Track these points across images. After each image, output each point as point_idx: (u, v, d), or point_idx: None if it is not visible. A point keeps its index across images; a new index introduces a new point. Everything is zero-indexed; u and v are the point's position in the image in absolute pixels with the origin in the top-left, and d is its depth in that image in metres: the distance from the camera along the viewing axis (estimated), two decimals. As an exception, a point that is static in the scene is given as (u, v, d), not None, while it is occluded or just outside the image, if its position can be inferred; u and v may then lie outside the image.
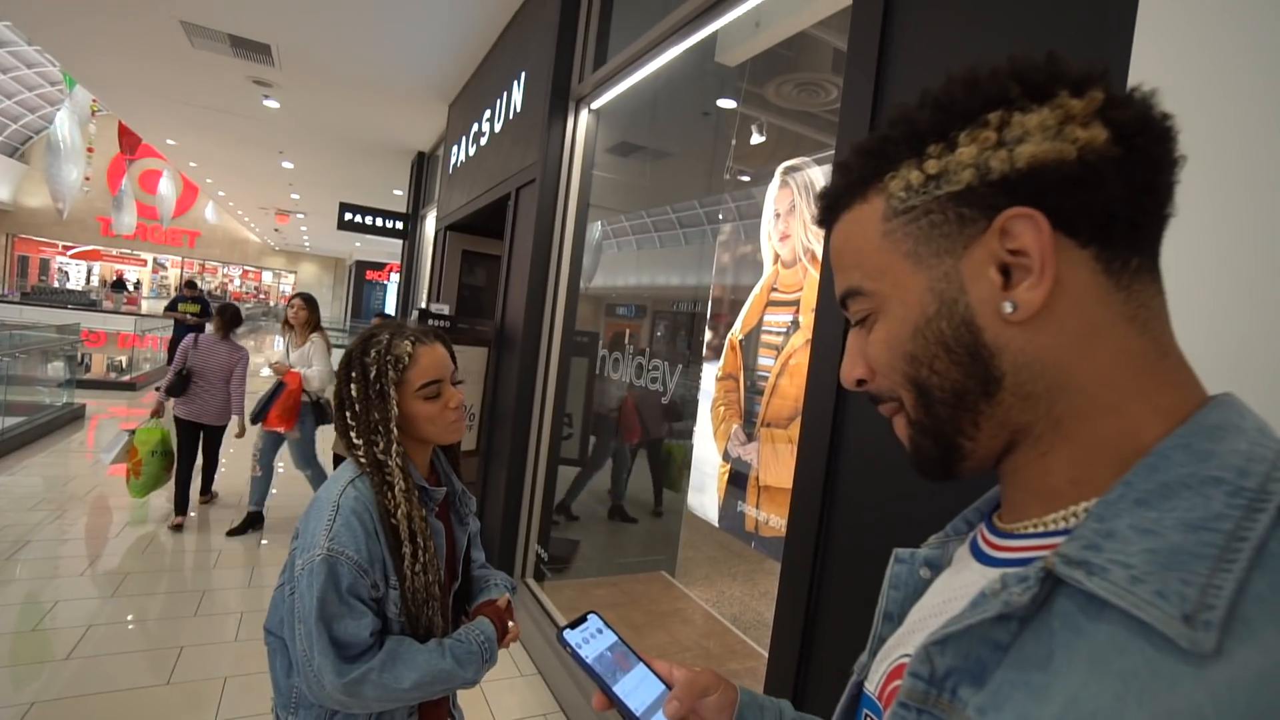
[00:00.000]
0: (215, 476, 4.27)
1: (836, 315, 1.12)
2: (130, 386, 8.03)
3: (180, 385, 3.68)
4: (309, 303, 3.89)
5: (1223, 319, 0.62)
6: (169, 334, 10.69)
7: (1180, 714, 0.26)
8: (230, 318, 3.94)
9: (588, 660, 0.56)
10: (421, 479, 1.07)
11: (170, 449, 3.69)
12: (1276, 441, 0.32)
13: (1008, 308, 0.35)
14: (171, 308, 8.52)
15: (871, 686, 0.45)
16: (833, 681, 1.11)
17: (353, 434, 1.03)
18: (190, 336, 3.90)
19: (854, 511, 1.09)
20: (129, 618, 2.73)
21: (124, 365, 8.96)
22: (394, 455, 1.02)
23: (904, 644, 0.43)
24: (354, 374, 1.04)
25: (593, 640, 0.59)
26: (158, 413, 3.72)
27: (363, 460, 1.02)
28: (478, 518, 1.29)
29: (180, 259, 25.14)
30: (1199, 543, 0.29)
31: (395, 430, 1.02)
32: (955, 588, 0.42)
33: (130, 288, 22.47)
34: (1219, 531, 0.29)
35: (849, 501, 1.10)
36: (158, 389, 3.87)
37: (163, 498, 3.97)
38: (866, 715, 0.45)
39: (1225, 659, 0.26)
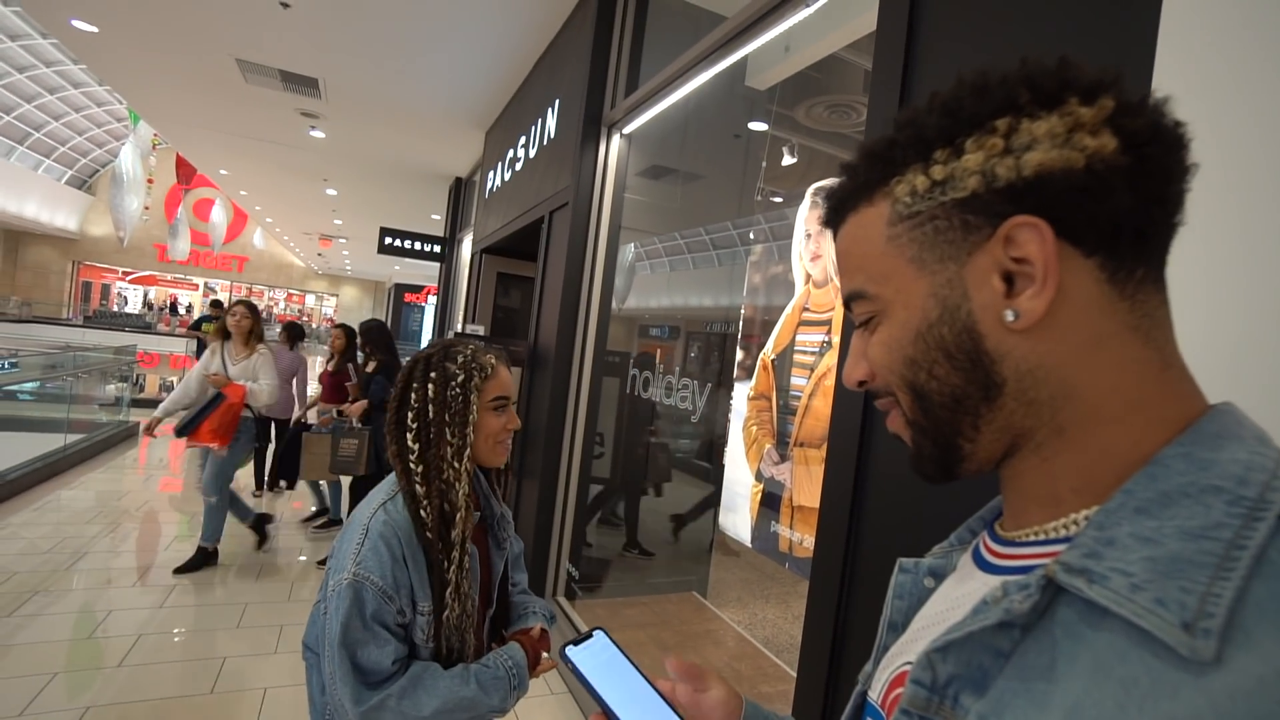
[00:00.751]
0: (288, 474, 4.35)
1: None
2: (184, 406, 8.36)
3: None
4: (252, 311, 3.66)
5: (1229, 322, 0.61)
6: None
7: None
8: (294, 333, 5.02)
9: (588, 679, 0.54)
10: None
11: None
12: (1275, 450, 0.32)
13: (1009, 316, 0.35)
14: (196, 326, 8.58)
15: (874, 694, 0.45)
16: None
17: (412, 436, 1.02)
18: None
19: (882, 530, 1.08)
20: (176, 629, 2.82)
21: (175, 385, 9.38)
22: (466, 460, 1.02)
23: (906, 652, 0.43)
24: (434, 375, 1.04)
25: (597, 658, 0.56)
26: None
27: (413, 464, 1.01)
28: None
29: (229, 283, 26.25)
30: (1199, 551, 0.29)
31: (471, 435, 1.02)
32: (958, 596, 0.42)
33: (182, 310, 23.51)
34: (1218, 540, 0.29)
35: (876, 520, 1.09)
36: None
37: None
38: None
39: (1225, 667, 0.26)
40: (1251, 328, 0.62)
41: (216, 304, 8.92)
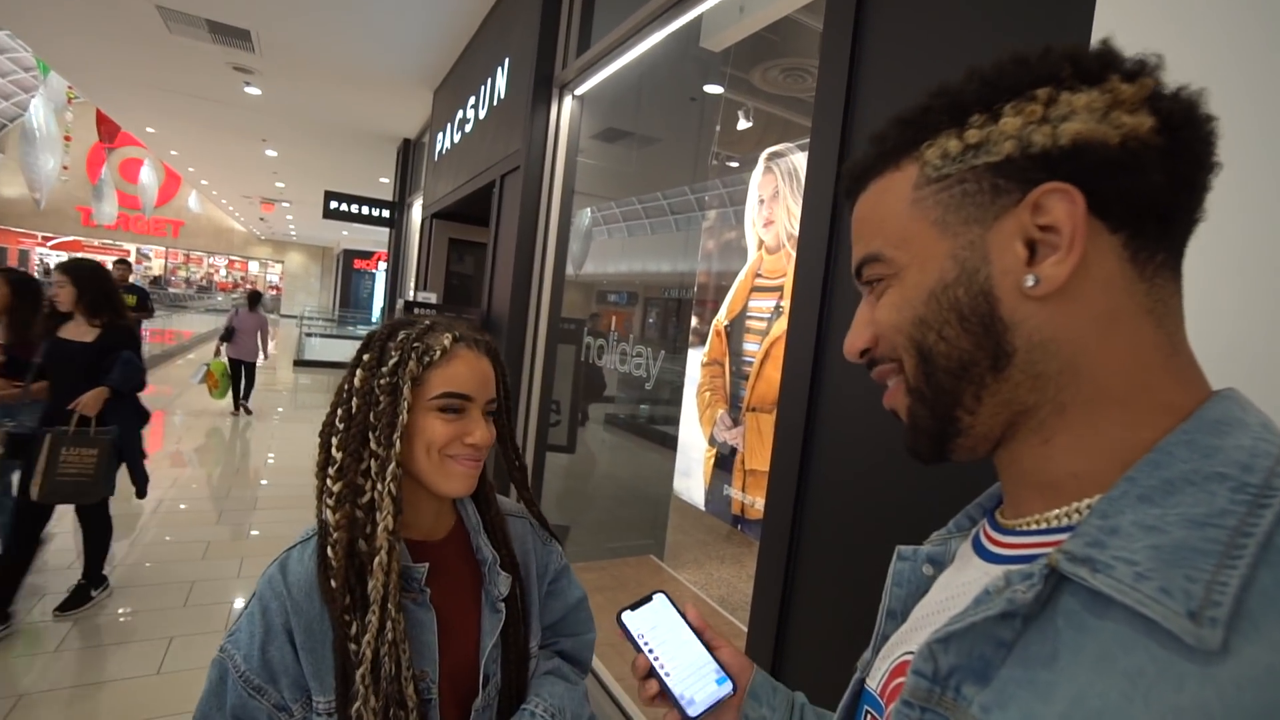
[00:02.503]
0: (252, 393, 7.06)
1: (812, 300, 1.14)
2: (115, 378, 7.94)
3: (229, 336, 6.60)
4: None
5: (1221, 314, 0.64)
6: (150, 326, 10.55)
7: (1187, 712, 0.26)
8: (254, 298, 7.09)
9: (638, 640, 0.55)
10: (401, 546, 0.74)
11: (228, 373, 6.49)
12: (1279, 435, 0.32)
13: (1030, 281, 0.35)
14: None
15: (873, 683, 0.45)
16: (808, 653, 1.13)
17: (337, 443, 0.74)
18: (234, 310, 6.81)
19: (829, 492, 1.11)
20: (119, 610, 2.73)
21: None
22: (389, 478, 0.72)
23: (907, 641, 0.43)
24: (366, 358, 0.76)
25: (651, 620, 0.57)
26: (218, 353, 6.53)
27: (330, 481, 0.73)
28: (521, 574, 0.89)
29: (164, 249, 24.81)
30: (1204, 539, 0.29)
31: (398, 444, 0.73)
32: (958, 585, 0.42)
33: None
34: (1223, 528, 0.29)
35: (824, 482, 1.12)
36: (219, 341, 6.62)
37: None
38: (868, 712, 0.45)
39: (1232, 656, 0.26)
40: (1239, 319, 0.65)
41: (122, 263, 6.39)
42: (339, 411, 0.76)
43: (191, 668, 2.33)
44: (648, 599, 0.60)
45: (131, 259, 24.24)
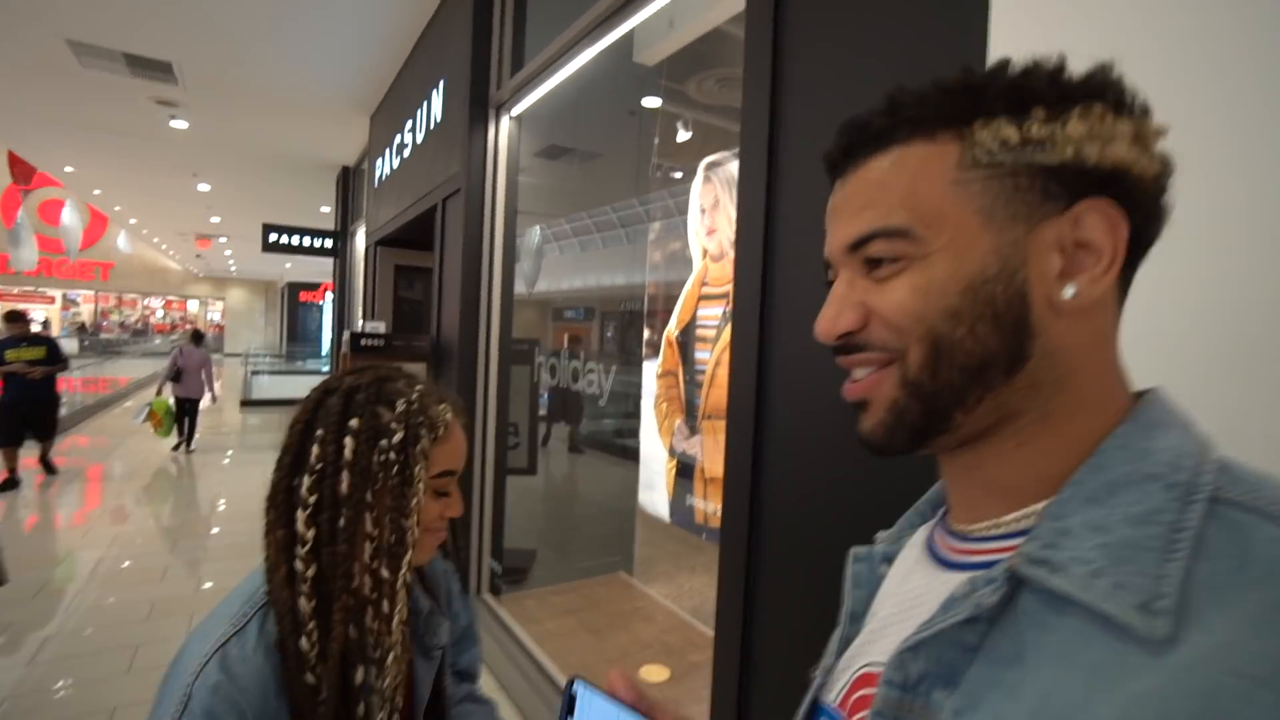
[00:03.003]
0: (196, 432, 6.99)
1: (753, 303, 1.15)
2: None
3: (176, 376, 6.54)
4: None
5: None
6: (82, 375, 9.99)
7: (1143, 698, 0.27)
8: (197, 336, 6.97)
9: None
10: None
11: (172, 411, 6.36)
12: (1199, 435, 0.35)
13: (1069, 292, 0.35)
14: None
15: (831, 697, 0.44)
16: (775, 655, 1.13)
17: (305, 517, 0.66)
18: (176, 349, 6.71)
19: (783, 493, 1.12)
20: (56, 685, 2.55)
21: (61, 402, 8.29)
22: (405, 569, 0.67)
23: (864, 653, 0.43)
24: (354, 425, 0.68)
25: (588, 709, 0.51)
26: (159, 392, 6.55)
27: (303, 570, 0.65)
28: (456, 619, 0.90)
29: (94, 292, 23.60)
30: (1145, 535, 0.30)
31: (416, 531, 0.68)
32: (914, 592, 0.42)
33: (37, 326, 20.96)
34: (1161, 524, 0.30)
35: (777, 484, 1.12)
36: (163, 380, 6.68)
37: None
38: None
39: (1180, 643, 0.27)
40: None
41: (15, 316, 5.38)
42: (304, 478, 0.67)
43: (138, 737, 2.19)
44: (569, 697, 0.52)
45: (57, 304, 22.97)
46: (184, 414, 6.65)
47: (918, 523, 0.48)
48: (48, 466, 5.62)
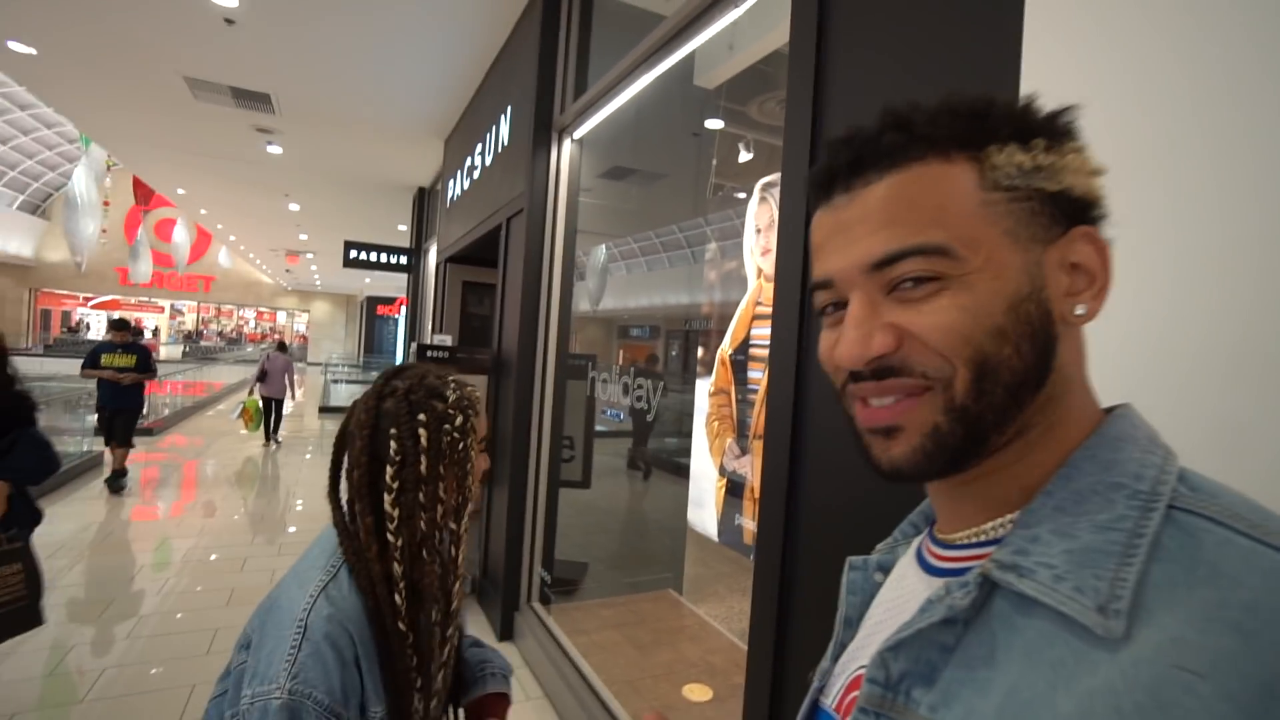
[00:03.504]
0: (281, 426, 8.32)
1: (791, 323, 1.16)
2: (149, 431, 8.18)
3: (262, 377, 7.73)
4: None
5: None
6: (183, 378, 10.87)
7: (1098, 692, 0.29)
8: (281, 346, 8.19)
9: None
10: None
11: (260, 409, 7.57)
12: (1163, 447, 0.37)
13: (1080, 309, 0.38)
14: (92, 363, 5.23)
15: (829, 700, 0.46)
16: (806, 666, 1.12)
17: (395, 497, 0.81)
18: (265, 355, 7.99)
19: (818, 511, 1.11)
20: (143, 660, 2.78)
21: (144, 411, 9.11)
22: (466, 519, 0.86)
23: (859, 657, 0.45)
24: (423, 418, 0.83)
25: None
26: (251, 392, 7.68)
27: (395, 540, 0.81)
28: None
29: (197, 303, 25.72)
30: (1107, 541, 0.32)
31: (474, 487, 0.87)
32: (903, 597, 0.44)
33: (149, 334, 22.98)
34: (1122, 530, 0.32)
35: (812, 500, 1.12)
36: (253, 382, 7.86)
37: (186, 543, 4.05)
38: None
39: (1132, 641, 0.29)
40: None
41: (121, 324, 5.46)
42: (389, 470, 0.81)
43: (214, 716, 2.36)
44: None
45: (166, 314, 25.14)
46: (269, 412, 7.80)
47: (911, 534, 0.51)
48: (115, 478, 5.33)
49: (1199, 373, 0.60)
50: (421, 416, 0.83)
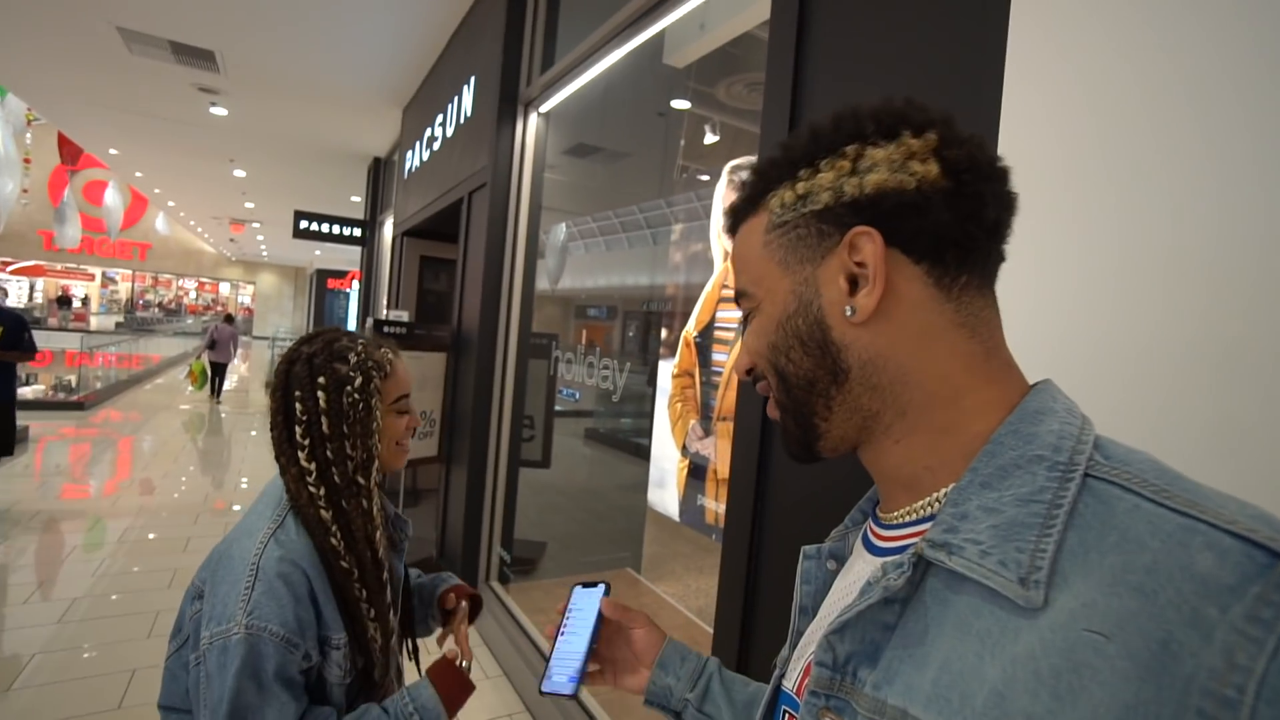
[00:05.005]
0: (224, 388, 9.50)
1: (764, 309, 1.16)
2: (79, 406, 7.74)
3: (211, 345, 8.93)
4: None
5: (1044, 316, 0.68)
6: (118, 350, 10.38)
7: (1020, 657, 0.31)
8: (228, 318, 9.59)
9: (565, 619, 0.68)
10: (391, 511, 1.00)
11: (206, 372, 8.82)
12: (1080, 417, 0.38)
13: (849, 311, 0.41)
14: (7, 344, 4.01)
15: (789, 684, 0.48)
16: (770, 648, 1.15)
17: (309, 453, 0.88)
18: (213, 326, 9.09)
19: (787, 494, 1.13)
20: (78, 644, 2.65)
21: (73, 384, 8.60)
22: (375, 473, 0.91)
23: (813, 642, 0.46)
24: (322, 381, 0.89)
25: (583, 608, 0.69)
26: (199, 357, 8.81)
27: (313, 487, 0.87)
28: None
29: (131, 272, 24.30)
30: (1029, 514, 0.34)
31: (378, 445, 0.92)
32: (850, 580, 0.46)
33: (77, 303, 21.65)
34: (1042, 502, 0.34)
35: (781, 486, 1.14)
36: (202, 348, 9.04)
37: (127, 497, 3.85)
38: (785, 711, 0.48)
39: (1050, 608, 0.31)
40: (1074, 319, 0.69)
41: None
42: (296, 427, 0.88)
43: (153, 701, 2.27)
44: (596, 584, 0.71)
45: (97, 282, 23.68)
46: (215, 374, 9.14)
47: (860, 520, 0.52)
48: None
49: (1189, 372, 0.61)
50: (321, 380, 0.89)
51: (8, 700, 2.25)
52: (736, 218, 0.48)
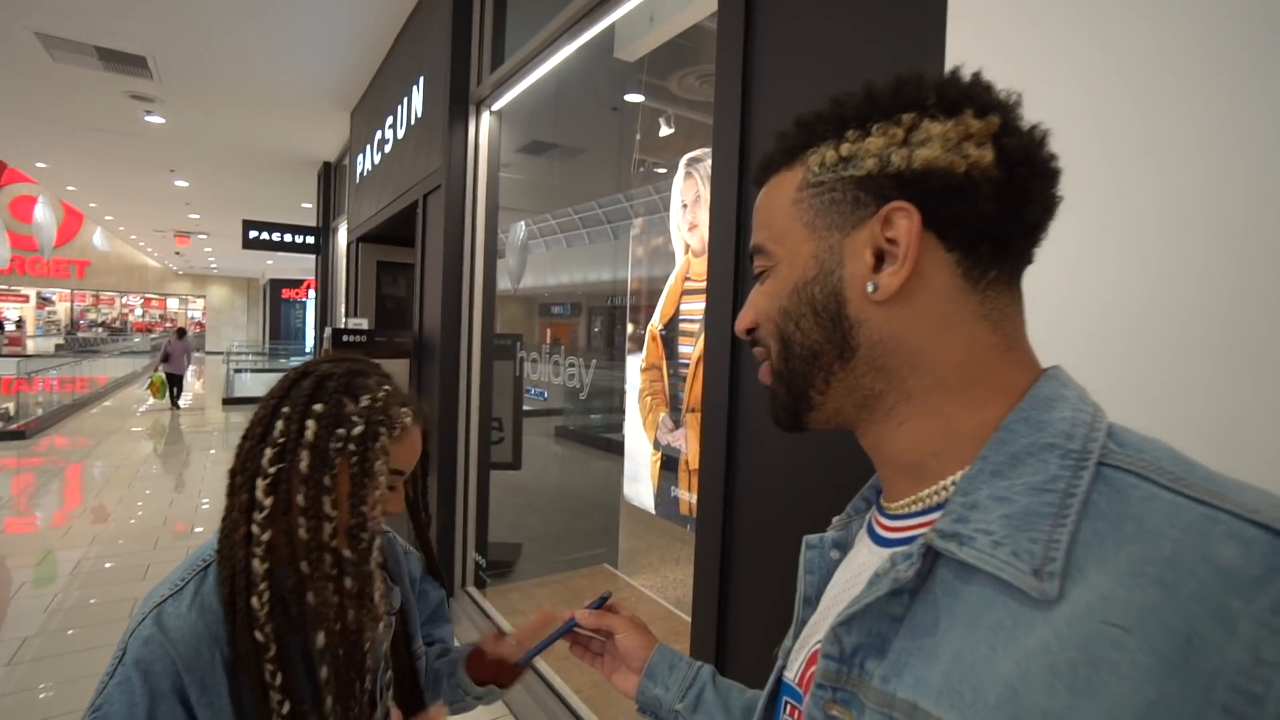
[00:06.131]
0: (181, 396, 10.22)
1: (725, 295, 1.18)
2: (20, 435, 7.36)
3: (165, 358, 9.78)
4: None
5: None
6: (59, 374, 10.02)
7: (1034, 651, 0.30)
8: (180, 332, 10.24)
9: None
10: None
11: (164, 381, 9.75)
12: (1091, 404, 0.37)
13: (870, 287, 0.39)
14: None
15: (791, 675, 0.47)
16: (748, 639, 1.16)
17: (265, 485, 0.68)
18: (166, 341, 10.00)
19: (756, 481, 1.15)
20: (37, 685, 2.53)
21: (10, 412, 8.16)
22: (375, 547, 0.72)
23: (816, 632, 0.45)
24: (318, 409, 0.71)
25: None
26: (157, 369, 9.87)
27: (259, 533, 0.67)
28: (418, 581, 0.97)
29: (70, 291, 23.17)
30: (1041, 503, 0.33)
31: (378, 514, 0.72)
32: (855, 570, 0.45)
33: (10, 326, 20.56)
34: (1055, 491, 0.33)
35: (751, 473, 1.15)
36: (157, 362, 10.08)
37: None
38: (787, 703, 0.47)
39: (1065, 600, 0.30)
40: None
41: None
42: (267, 449, 0.70)
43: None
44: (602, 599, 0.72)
45: (32, 303, 22.50)
46: (173, 384, 9.91)
47: (863, 508, 0.51)
48: None
49: (1184, 367, 0.61)
50: (317, 407, 0.71)
51: (-40, 748, 2.14)
52: (768, 169, 0.45)
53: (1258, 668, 0.26)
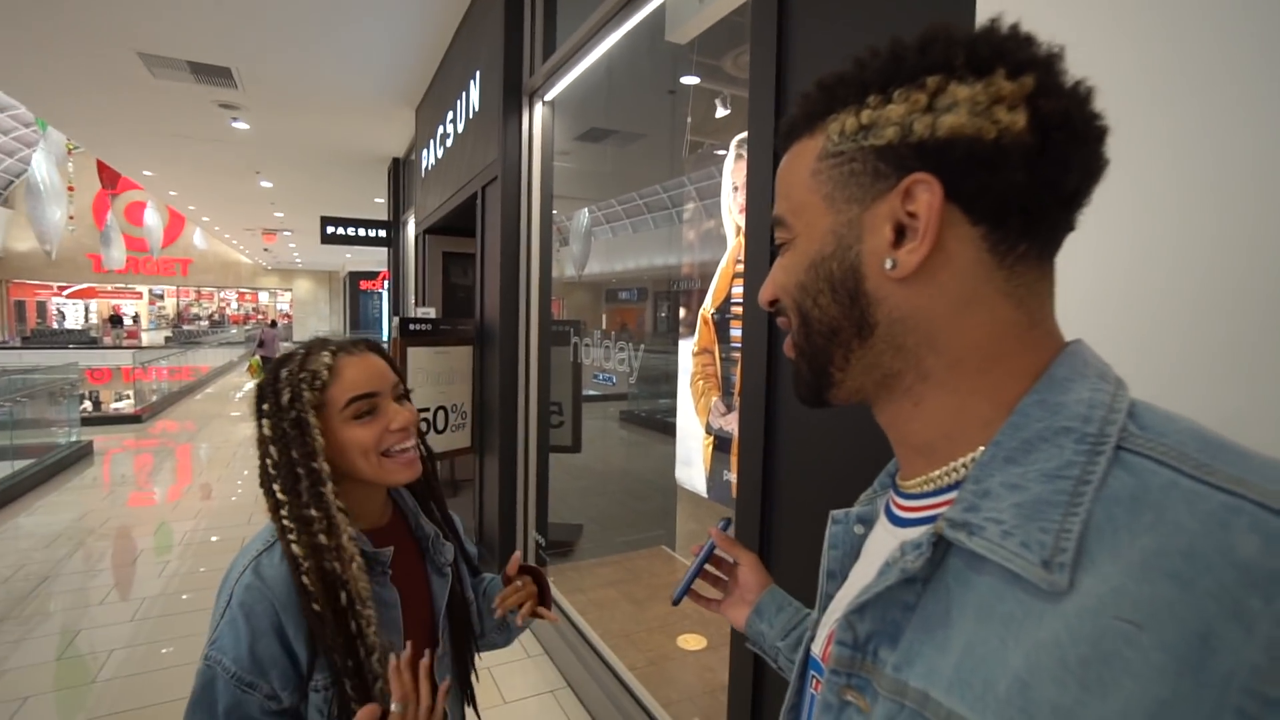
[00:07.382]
0: None
1: (763, 275, 1.17)
2: (137, 419, 8.15)
3: (261, 344, 11.64)
4: None
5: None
6: (169, 364, 11.07)
7: (1045, 644, 0.29)
8: (273, 324, 13.50)
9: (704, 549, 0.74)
10: (364, 541, 0.82)
11: (260, 364, 10.75)
12: (1112, 383, 0.35)
13: (888, 264, 0.37)
14: None
15: (816, 648, 0.48)
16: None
17: (276, 486, 0.78)
18: (260, 330, 12.53)
19: (792, 457, 1.15)
20: (153, 640, 2.84)
21: (130, 399, 9.06)
22: (325, 504, 0.77)
23: (838, 608, 0.45)
24: (265, 406, 0.80)
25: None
26: (254, 354, 11.79)
27: (286, 521, 0.77)
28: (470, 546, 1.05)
29: (175, 288, 25.26)
30: (1055, 491, 0.32)
31: (325, 466, 0.78)
32: (874, 552, 0.44)
33: (128, 321, 22.63)
34: (1069, 478, 0.32)
35: (788, 450, 1.16)
36: (254, 348, 12.34)
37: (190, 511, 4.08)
38: (813, 676, 0.47)
39: (1076, 591, 0.29)
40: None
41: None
42: (266, 461, 0.80)
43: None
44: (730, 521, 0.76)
45: (145, 300, 24.69)
46: (267, 367, 10.75)
47: (888, 484, 0.50)
48: None
49: (1189, 362, 0.60)
50: (265, 406, 0.80)
51: (95, 690, 2.43)
52: (791, 134, 0.43)
53: (1276, 671, 0.25)
